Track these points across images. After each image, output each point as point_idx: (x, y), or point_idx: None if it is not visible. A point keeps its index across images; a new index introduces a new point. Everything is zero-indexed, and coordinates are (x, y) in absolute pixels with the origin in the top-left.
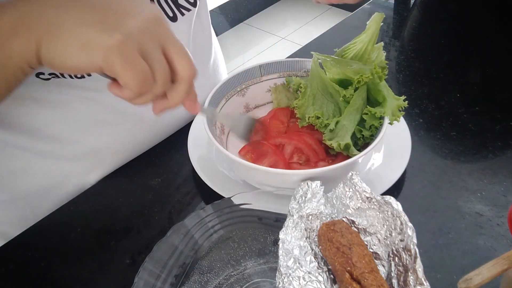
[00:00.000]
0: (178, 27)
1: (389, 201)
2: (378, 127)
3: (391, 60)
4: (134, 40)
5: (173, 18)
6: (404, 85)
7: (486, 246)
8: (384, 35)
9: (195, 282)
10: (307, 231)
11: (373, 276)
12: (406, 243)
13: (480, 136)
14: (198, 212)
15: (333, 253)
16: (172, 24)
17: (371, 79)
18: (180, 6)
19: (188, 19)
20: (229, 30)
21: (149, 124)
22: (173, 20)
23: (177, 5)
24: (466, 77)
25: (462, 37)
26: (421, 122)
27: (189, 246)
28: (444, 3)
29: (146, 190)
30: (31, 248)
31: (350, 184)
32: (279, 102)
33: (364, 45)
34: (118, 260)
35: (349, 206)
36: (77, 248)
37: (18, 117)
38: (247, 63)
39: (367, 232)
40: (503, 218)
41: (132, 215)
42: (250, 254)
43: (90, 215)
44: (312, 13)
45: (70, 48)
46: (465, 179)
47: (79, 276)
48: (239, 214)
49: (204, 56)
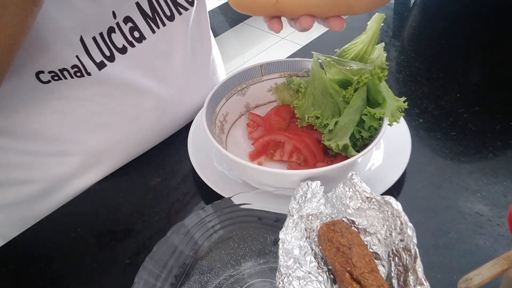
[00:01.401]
0: (176, 28)
1: (389, 201)
2: (377, 128)
3: (391, 60)
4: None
5: (171, 17)
6: (404, 85)
7: (486, 246)
8: (384, 35)
9: (195, 282)
10: (307, 231)
11: (373, 276)
12: (406, 243)
13: (480, 136)
14: (198, 212)
15: (333, 253)
16: (169, 23)
17: (371, 80)
18: (178, 5)
19: (185, 18)
20: (229, 30)
21: (149, 124)
22: (170, 20)
23: (175, 4)
24: (466, 77)
25: (462, 37)
26: (421, 122)
27: (189, 246)
28: (444, 3)
29: (146, 190)
30: (31, 248)
31: (350, 184)
32: (283, 99)
33: (364, 46)
34: (118, 260)
35: (349, 206)
36: (77, 248)
37: (18, 120)
38: (247, 63)
39: (367, 232)
40: (503, 218)
41: (132, 215)
42: (250, 254)
43: (90, 215)
44: None
45: None
46: (465, 179)
47: (79, 276)
48: (239, 214)
49: (203, 56)
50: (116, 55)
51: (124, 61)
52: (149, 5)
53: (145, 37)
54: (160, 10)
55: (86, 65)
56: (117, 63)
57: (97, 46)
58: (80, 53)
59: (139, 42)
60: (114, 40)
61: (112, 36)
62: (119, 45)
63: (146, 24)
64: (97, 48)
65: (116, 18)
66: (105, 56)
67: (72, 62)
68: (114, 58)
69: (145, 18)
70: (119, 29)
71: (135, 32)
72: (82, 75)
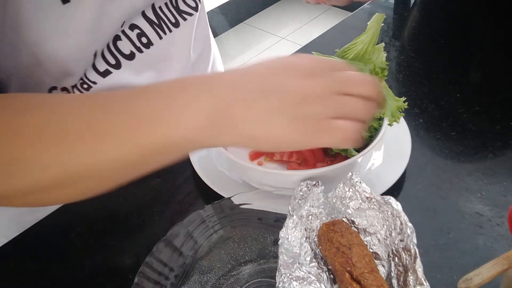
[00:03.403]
0: (181, 33)
1: (389, 201)
2: (377, 128)
3: (391, 60)
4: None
5: (176, 24)
6: (404, 85)
7: (486, 246)
8: (384, 35)
9: (195, 282)
10: (307, 231)
11: (373, 276)
12: (406, 243)
13: (480, 136)
14: (198, 212)
15: (333, 253)
16: (174, 30)
17: None
18: (182, 12)
19: (190, 24)
20: (229, 30)
21: None
22: (176, 26)
23: (178, 11)
24: (466, 77)
25: (462, 37)
26: (421, 122)
27: (189, 246)
28: (444, 3)
29: (146, 190)
30: (31, 248)
31: (350, 184)
32: None
33: (364, 46)
34: (118, 260)
35: (349, 206)
36: (77, 248)
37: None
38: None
39: (367, 232)
40: (503, 218)
41: (132, 215)
42: (250, 254)
43: (90, 215)
44: (312, 13)
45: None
46: (465, 179)
47: (79, 276)
48: (239, 214)
49: (204, 58)
50: (123, 62)
51: (131, 67)
52: (153, 14)
53: (152, 43)
54: (165, 18)
55: (89, 77)
56: (123, 70)
57: (102, 57)
58: (88, 67)
59: (147, 47)
60: (120, 47)
61: (118, 43)
62: (126, 51)
63: (153, 30)
64: (101, 59)
65: (122, 26)
66: (110, 64)
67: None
68: (120, 65)
69: (151, 25)
70: (126, 36)
71: (142, 38)
72: (90, 86)
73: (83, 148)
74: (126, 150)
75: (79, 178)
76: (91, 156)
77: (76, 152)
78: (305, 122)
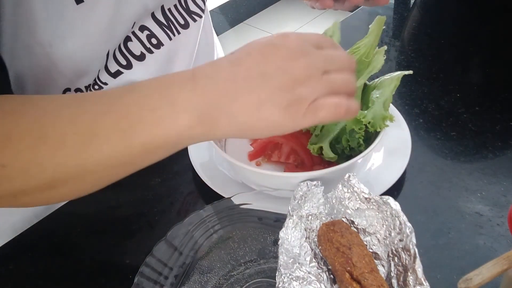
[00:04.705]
0: (191, 34)
1: (388, 201)
2: (358, 132)
3: (391, 60)
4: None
5: (185, 26)
6: (404, 85)
7: (486, 246)
8: (384, 35)
9: (195, 282)
10: (307, 231)
11: (373, 276)
12: (405, 243)
13: (480, 136)
14: (198, 212)
15: (333, 253)
16: (184, 31)
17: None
18: (192, 13)
19: (198, 25)
20: (229, 30)
21: None
22: (185, 28)
23: (188, 12)
24: (466, 77)
25: (462, 37)
26: (421, 122)
27: (189, 246)
28: (444, 3)
29: (146, 190)
30: (31, 248)
31: (348, 185)
32: None
33: (367, 49)
34: (118, 260)
35: (348, 207)
36: (77, 248)
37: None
38: None
39: (366, 232)
40: (503, 218)
41: (132, 215)
42: (250, 254)
43: (90, 215)
44: (312, 13)
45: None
46: (465, 179)
47: (79, 276)
48: (239, 214)
49: (208, 58)
50: (134, 63)
51: (142, 68)
52: (163, 15)
53: (163, 44)
54: (174, 20)
55: (101, 77)
56: (134, 71)
57: (113, 58)
58: (101, 67)
59: (157, 48)
60: (131, 48)
61: (129, 44)
62: (136, 52)
63: (163, 31)
64: (113, 60)
65: (132, 28)
66: (121, 65)
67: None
68: (131, 66)
69: (160, 26)
70: (136, 37)
71: (152, 39)
72: (101, 87)
73: (72, 149)
74: (115, 151)
75: (71, 178)
76: (80, 157)
77: (65, 153)
78: (297, 105)
